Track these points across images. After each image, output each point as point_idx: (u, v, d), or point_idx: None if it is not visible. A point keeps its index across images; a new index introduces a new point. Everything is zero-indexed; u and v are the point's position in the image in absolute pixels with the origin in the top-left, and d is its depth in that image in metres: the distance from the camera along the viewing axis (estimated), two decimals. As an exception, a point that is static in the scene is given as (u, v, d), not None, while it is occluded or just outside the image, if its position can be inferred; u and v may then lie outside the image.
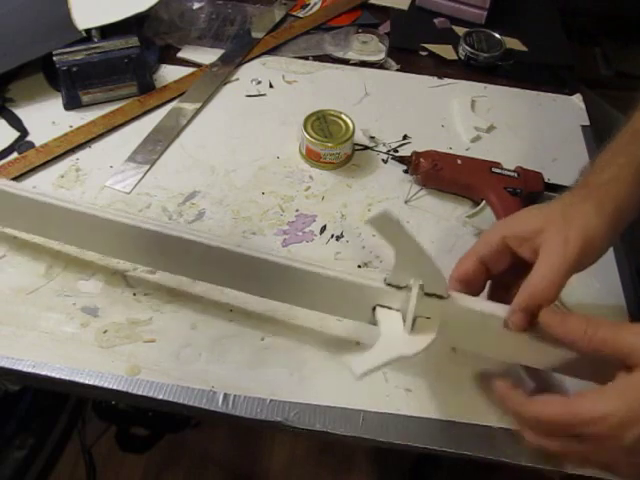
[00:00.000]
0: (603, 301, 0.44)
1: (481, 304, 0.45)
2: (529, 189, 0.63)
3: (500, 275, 0.48)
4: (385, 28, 0.87)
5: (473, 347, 0.48)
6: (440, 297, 0.44)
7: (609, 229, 0.44)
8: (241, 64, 0.79)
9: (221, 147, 0.69)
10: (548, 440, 0.40)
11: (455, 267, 0.48)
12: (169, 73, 0.76)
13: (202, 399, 0.49)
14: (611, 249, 0.61)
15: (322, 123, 0.68)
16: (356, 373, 0.40)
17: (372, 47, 0.82)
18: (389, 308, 0.46)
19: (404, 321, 0.44)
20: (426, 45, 0.84)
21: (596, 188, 0.46)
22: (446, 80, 0.80)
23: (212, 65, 0.78)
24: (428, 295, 0.44)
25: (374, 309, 0.46)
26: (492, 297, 0.49)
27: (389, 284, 0.45)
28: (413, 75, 0.80)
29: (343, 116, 0.68)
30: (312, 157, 0.67)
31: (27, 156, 0.64)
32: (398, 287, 0.45)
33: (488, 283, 0.49)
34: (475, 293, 0.47)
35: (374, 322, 0.47)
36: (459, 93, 0.77)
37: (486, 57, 0.80)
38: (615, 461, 0.39)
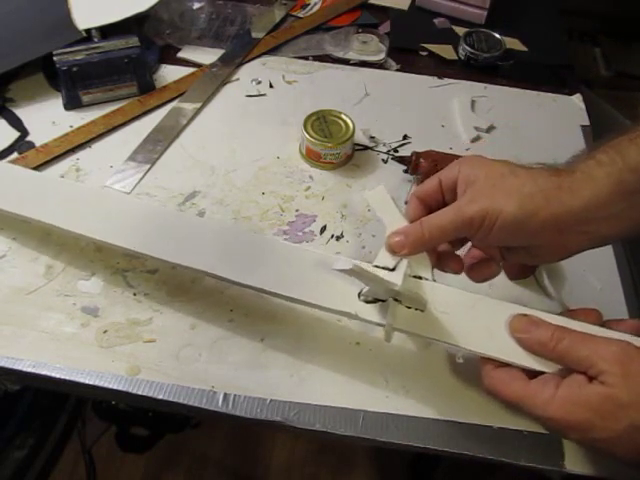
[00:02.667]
0: (603, 301, 0.44)
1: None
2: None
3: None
4: (385, 28, 0.87)
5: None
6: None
7: (528, 218, 0.41)
8: (241, 64, 0.79)
9: (221, 147, 0.69)
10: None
11: (420, 185, 0.48)
12: (169, 73, 0.76)
13: (202, 399, 0.49)
14: (611, 250, 0.61)
15: (322, 123, 0.68)
16: (335, 266, 0.42)
17: (372, 47, 0.82)
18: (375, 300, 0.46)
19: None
20: (426, 45, 0.84)
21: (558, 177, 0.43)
22: (446, 80, 0.80)
23: (212, 65, 0.78)
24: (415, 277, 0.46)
25: (359, 295, 0.46)
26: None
27: (376, 266, 0.45)
28: (413, 75, 0.80)
29: (343, 116, 0.68)
30: (312, 157, 0.67)
31: (27, 156, 0.64)
32: (388, 269, 0.45)
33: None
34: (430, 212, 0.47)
35: (356, 315, 0.46)
36: (459, 93, 0.77)
37: (486, 57, 0.80)
38: None
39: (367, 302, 0.46)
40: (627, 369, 0.37)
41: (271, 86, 0.77)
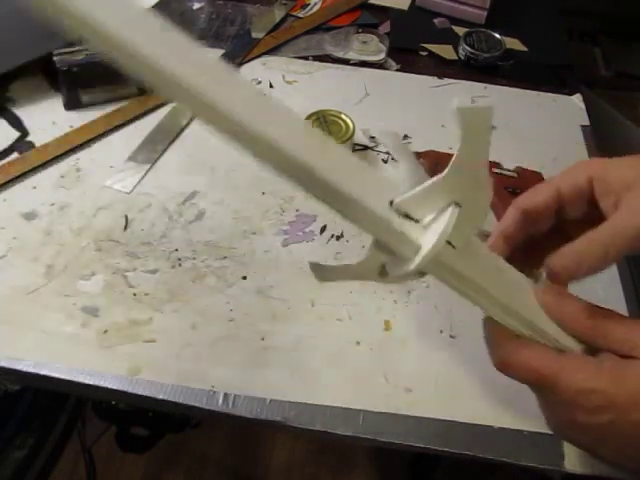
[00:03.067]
0: (603, 302, 0.44)
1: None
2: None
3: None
4: (385, 28, 0.87)
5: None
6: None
7: None
8: (241, 64, 0.79)
9: (221, 147, 0.68)
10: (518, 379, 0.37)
11: (524, 195, 0.41)
12: (169, 73, 0.76)
13: (202, 399, 0.49)
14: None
15: (322, 123, 0.68)
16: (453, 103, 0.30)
17: (372, 47, 0.82)
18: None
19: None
20: (426, 45, 0.84)
21: None
22: (446, 80, 0.80)
23: (212, 65, 0.78)
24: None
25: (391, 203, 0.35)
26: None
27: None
28: (413, 75, 0.80)
29: (343, 116, 0.68)
30: (312, 157, 0.67)
31: (27, 156, 0.64)
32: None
33: None
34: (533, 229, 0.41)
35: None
36: (459, 93, 0.77)
37: (486, 57, 0.80)
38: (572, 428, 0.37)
39: (399, 214, 0.35)
40: None
41: (271, 86, 0.77)
